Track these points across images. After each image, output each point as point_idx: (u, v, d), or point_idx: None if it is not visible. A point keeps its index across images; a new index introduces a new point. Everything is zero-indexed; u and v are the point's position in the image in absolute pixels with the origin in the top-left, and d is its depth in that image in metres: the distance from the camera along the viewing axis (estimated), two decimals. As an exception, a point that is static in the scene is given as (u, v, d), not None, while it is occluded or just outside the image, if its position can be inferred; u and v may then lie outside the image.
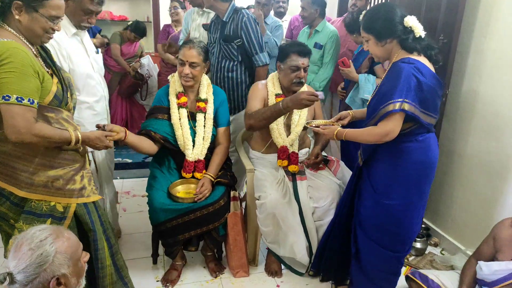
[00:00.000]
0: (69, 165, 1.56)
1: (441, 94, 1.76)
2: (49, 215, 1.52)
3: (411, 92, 1.66)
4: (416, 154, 1.77)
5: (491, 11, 2.25)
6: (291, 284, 2.26)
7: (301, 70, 2.21)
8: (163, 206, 2.02)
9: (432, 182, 1.89)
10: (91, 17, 1.94)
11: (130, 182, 3.53)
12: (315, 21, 3.12)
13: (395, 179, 1.81)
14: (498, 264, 1.72)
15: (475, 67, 2.38)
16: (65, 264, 1.09)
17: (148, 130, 2.15)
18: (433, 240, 2.69)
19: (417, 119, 1.69)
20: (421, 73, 1.67)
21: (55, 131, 1.47)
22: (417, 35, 1.72)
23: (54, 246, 1.07)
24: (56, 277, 1.06)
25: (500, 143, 2.23)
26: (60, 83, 1.54)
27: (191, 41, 2.16)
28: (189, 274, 2.30)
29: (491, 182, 2.31)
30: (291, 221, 2.12)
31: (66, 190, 1.55)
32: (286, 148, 2.24)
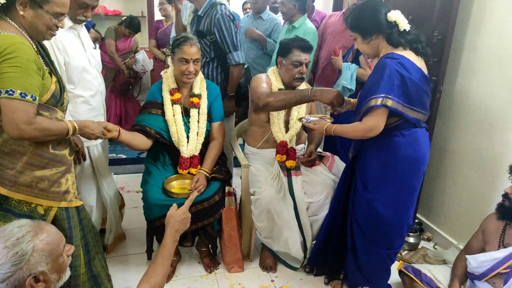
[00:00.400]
0: (56, 167, 1.53)
1: (427, 89, 1.76)
2: (28, 216, 1.48)
3: (394, 87, 1.67)
4: (403, 149, 1.78)
5: (485, 8, 2.26)
6: (286, 279, 2.27)
7: (303, 66, 2.22)
8: (158, 202, 2.02)
9: (424, 177, 1.93)
10: (87, 11, 1.92)
11: (125, 178, 3.52)
12: (294, 17, 3.12)
13: (384, 175, 1.83)
14: (484, 255, 1.75)
15: (469, 64, 2.39)
16: (43, 261, 1.06)
17: (142, 126, 2.14)
18: (426, 235, 2.72)
19: (401, 115, 1.71)
20: (405, 68, 1.68)
21: (53, 123, 1.47)
22: (401, 29, 1.72)
23: (32, 244, 1.04)
24: (33, 275, 1.04)
25: (491, 140, 2.25)
26: (58, 83, 1.53)
27: (189, 38, 2.13)
28: (183, 269, 2.31)
29: (482, 178, 2.33)
30: (286, 216, 2.13)
31: (50, 192, 1.52)
32: (286, 143, 2.25)
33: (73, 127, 1.52)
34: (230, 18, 2.54)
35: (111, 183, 2.33)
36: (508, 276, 1.66)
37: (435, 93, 2.41)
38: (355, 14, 1.80)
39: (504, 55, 2.16)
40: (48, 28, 1.45)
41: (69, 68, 1.91)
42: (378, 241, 1.91)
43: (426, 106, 1.79)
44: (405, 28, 1.73)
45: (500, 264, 1.68)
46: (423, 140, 1.81)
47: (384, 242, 1.91)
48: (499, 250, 1.74)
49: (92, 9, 1.95)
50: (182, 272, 2.28)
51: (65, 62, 1.89)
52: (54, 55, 1.82)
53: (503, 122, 2.18)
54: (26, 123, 1.36)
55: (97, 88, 2.10)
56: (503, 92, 2.17)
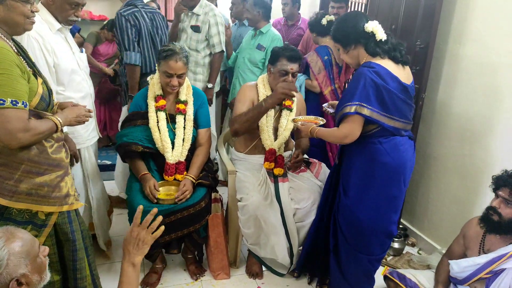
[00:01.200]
0: (54, 171, 1.51)
1: (406, 97, 1.79)
2: (30, 222, 1.48)
3: (369, 95, 1.71)
4: (381, 156, 1.80)
5: (465, 18, 2.33)
6: (272, 285, 2.27)
7: (289, 75, 2.24)
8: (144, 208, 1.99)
9: (405, 184, 1.91)
10: (78, 10, 1.91)
11: (110, 184, 3.46)
12: (259, 23, 3.16)
13: (363, 182, 1.86)
14: (466, 261, 1.78)
15: (450, 72, 2.46)
16: (22, 264, 1.06)
17: (128, 149, 2.12)
18: (410, 240, 2.76)
19: (377, 122, 1.75)
20: (380, 77, 1.72)
21: (43, 124, 1.44)
22: (377, 38, 1.77)
23: (6, 249, 1.04)
24: (15, 279, 1.04)
25: (473, 146, 2.31)
26: (44, 84, 1.49)
27: (176, 53, 2.09)
28: (169, 277, 2.28)
29: (465, 184, 2.38)
30: (273, 222, 2.13)
31: (52, 198, 1.49)
32: (274, 151, 2.26)
33: (59, 121, 1.50)
34: (126, 18, 2.64)
35: (100, 187, 2.30)
36: (489, 281, 1.70)
37: (418, 101, 2.47)
38: (336, 25, 1.87)
39: (485, 64, 2.22)
40: (26, 16, 1.40)
41: (58, 70, 1.90)
42: (359, 246, 1.93)
43: (406, 114, 1.81)
44: (381, 37, 1.77)
45: (482, 270, 1.71)
46: (402, 148, 1.82)
47: (364, 248, 1.93)
48: (480, 255, 1.77)
49: (81, 7, 1.94)
50: (168, 279, 2.26)
51: (54, 64, 1.88)
52: (43, 57, 1.81)
53: (484, 129, 2.24)
54: (23, 131, 1.33)
55: (86, 91, 2.09)
56: (484, 99, 2.23)
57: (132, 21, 2.66)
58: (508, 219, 1.67)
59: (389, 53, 1.78)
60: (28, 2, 1.40)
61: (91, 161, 2.18)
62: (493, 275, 1.69)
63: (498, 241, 1.74)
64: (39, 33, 1.80)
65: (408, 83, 1.81)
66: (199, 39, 2.97)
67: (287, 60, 2.22)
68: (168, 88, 2.16)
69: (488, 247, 1.77)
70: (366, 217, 1.86)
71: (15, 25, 1.40)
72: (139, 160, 2.18)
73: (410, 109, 1.84)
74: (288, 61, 2.22)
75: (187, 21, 2.98)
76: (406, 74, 1.83)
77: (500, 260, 1.68)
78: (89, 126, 2.14)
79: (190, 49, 2.97)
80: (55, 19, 1.89)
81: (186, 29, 2.95)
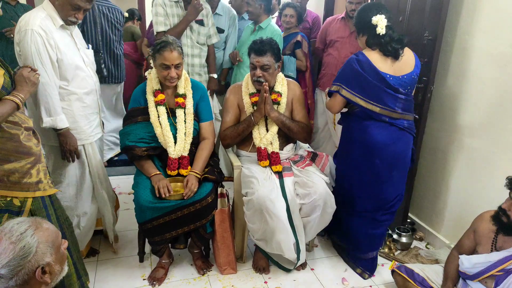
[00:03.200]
0: (24, 158, 1.56)
1: (385, 86, 2.00)
2: (6, 210, 1.52)
3: (349, 79, 2.04)
4: (356, 133, 2.15)
5: (474, 10, 2.29)
6: (279, 280, 2.26)
7: (257, 69, 2.22)
8: (150, 204, 1.99)
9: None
10: (79, 12, 1.92)
11: (116, 180, 3.49)
12: (260, 17, 3.13)
13: (345, 153, 2.26)
14: (478, 257, 1.76)
15: (458, 64, 2.41)
16: (48, 252, 1.10)
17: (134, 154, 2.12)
18: (418, 235, 2.74)
19: (353, 103, 2.06)
20: (360, 65, 2.00)
21: (1, 106, 1.46)
22: (377, 32, 1.99)
23: (36, 237, 1.08)
24: (41, 266, 1.07)
25: (482, 140, 2.28)
26: (8, 75, 1.53)
27: (169, 43, 2.07)
28: (176, 272, 2.29)
29: (473, 178, 2.35)
30: (278, 218, 2.11)
31: (23, 184, 1.55)
32: (261, 149, 2.26)
33: (18, 98, 1.52)
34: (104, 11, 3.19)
35: (106, 182, 2.30)
36: (499, 279, 1.67)
37: (426, 93, 2.43)
38: (357, 12, 2.13)
39: (494, 56, 2.18)
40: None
41: (62, 65, 1.91)
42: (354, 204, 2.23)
43: (385, 101, 2.02)
44: (380, 32, 1.99)
45: (493, 267, 1.69)
46: (376, 131, 2.06)
47: (357, 205, 2.21)
48: (492, 253, 1.74)
49: (84, 11, 1.94)
50: (175, 274, 2.26)
51: (57, 59, 1.89)
52: (46, 52, 1.83)
53: (494, 122, 2.20)
54: None
55: (91, 87, 2.09)
56: (493, 92, 2.19)
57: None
58: None
59: (381, 46, 2.01)
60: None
61: (95, 157, 2.18)
62: (504, 273, 1.67)
63: (510, 239, 1.72)
64: (43, 28, 1.81)
65: (393, 74, 2.01)
66: (206, 33, 2.95)
67: (254, 53, 2.22)
68: (167, 81, 2.13)
69: (500, 245, 1.74)
70: (352, 181, 2.23)
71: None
72: (146, 160, 2.17)
73: (394, 98, 2.02)
74: (256, 55, 2.22)
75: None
76: (396, 66, 2.03)
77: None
78: (92, 123, 2.14)
79: (199, 44, 2.93)
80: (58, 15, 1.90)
81: (192, 24, 2.91)
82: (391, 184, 2.15)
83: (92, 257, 2.36)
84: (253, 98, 2.31)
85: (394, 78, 2.01)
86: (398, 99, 2.02)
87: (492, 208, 1.78)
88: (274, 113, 2.24)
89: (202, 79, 3.03)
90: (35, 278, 1.07)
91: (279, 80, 2.35)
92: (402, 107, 2.05)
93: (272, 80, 2.30)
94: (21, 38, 1.80)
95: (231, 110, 2.38)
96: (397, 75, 2.02)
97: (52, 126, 1.91)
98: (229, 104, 2.39)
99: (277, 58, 2.25)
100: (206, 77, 3.08)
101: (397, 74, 2.02)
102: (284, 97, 2.33)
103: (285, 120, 2.28)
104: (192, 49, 2.92)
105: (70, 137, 1.98)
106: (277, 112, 2.27)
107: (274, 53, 2.23)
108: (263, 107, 2.22)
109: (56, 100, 1.89)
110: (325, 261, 2.46)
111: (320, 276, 2.31)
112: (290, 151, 2.39)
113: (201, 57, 2.98)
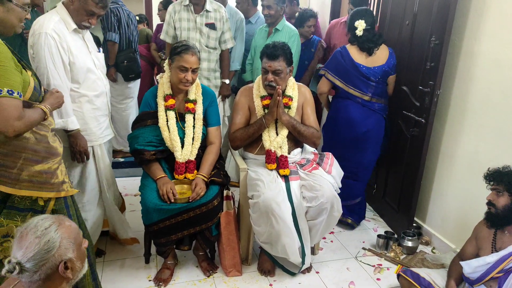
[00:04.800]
0: (52, 159, 1.59)
1: (359, 74, 2.60)
2: (30, 209, 1.55)
3: (333, 66, 2.67)
4: (339, 110, 2.73)
5: (481, 13, 2.28)
6: (284, 283, 2.27)
7: (269, 74, 2.23)
8: (156, 206, 2.01)
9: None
10: (92, 18, 1.96)
11: (123, 181, 3.51)
12: (278, 20, 3.13)
13: (333, 124, 2.79)
14: (477, 261, 1.77)
15: (465, 68, 2.41)
16: (70, 248, 1.12)
17: (143, 158, 2.14)
18: (424, 239, 2.73)
19: (336, 86, 2.68)
20: (342, 56, 2.64)
21: (35, 112, 1.50)
22: (357, 33, 2.60)
23: (59, 232, 1.10)
24: (64, 261, 1.10)
25: (488, 143, 2.27)
26: (35, 76, 1.56)
27: (190, 47, 2.12)
28: (181, 273, 2.30)
29: (480, 182, 2.31)
30: (284, 221, 2.11)
31: (50, 184, 1.57)
32: (270, 152, 2.26)
33: (47, 108, 1.55)
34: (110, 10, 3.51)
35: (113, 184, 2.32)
36: (501, 280, 1.68)
37: (432, 97, 2.43)
38: (349, 15, 2.74)
39: (501, 60, 2.17)
40: (20, 20, 1.49)
41: (74, 68, 1.95)
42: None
43: (359, 86, 2.62)
44: (358, 34, 2.60)
45: (493, 269, 1.70)
46: (353, 109, 2.66)
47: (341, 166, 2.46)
48: (491, 254, 1.76)
49: (97, 17, 1.98)
50: (180, 276, 2.27)
51: (70, 62, 1.92)
52: (59, 55, 1.86)
53: (500, 127, 2.19)
54: (18, 119, 1.39)
55: (101, 89, 2.12)
56: (500, 96, 2.19)
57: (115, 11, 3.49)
58: (502, 208, 1.72)
59: (358, 43, 2.61)
60: (25, 10, 1.50)
61: (103, 159, 2.20)
62: (504, 273, 1.68)
63: (508, 238, 1.74)
64: (56, 32, 1.85)
65: (366, 65, 2.60)
66: (217, 37, 2.96)
67: (267, 58, 2.23)
68: (181, 84, 2.15)
69: (499, 246, 1.76)
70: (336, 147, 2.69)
71: (10, 26, 1.49)
72: (153, 163, 2.19)
73: (366, 84, 2.61)
74: (268, 59, 2.22)
75: (199, 19, 2.96)
76: (369, 60, 2.62)
77: (510, 258, 1.67)
78: (102, 124, 2.16)
79: (208, 48, 2.95)
80: (72, 19, 1.94)
81: (201, 28, 2.92)
82: (366, 152, 2.72)
83: (98, 258, 2.38)
84: (264, 101, 2.31)
85: (367, 68, 2.60)
86: (369, 85, 2.62)
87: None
88: (285, 117, 2.25)
89: (210, 84, 3.04)
90: (58, 273, 1.09)
91: (290, 84, 2.36)
92: (373, 92, 2.63)
93: (284, 84, 2.31)
94: (35, 41, 1.84)
95: (242, 112, 2.38)
96: (370, 66, 2.61)
97: (63, 127, 1.94)
98: (239, 105, 2.39)
99: (289, 62, 2.26)
100: (215, 82, 3.08)
101: (369, 66, 2.61)
102: (295, 101, 2.33)
103: (295, 124, 2.28)
104: (200, 53, 2.93)
105: (80, 138, 2.01)
106: (288, 115, 2.27)
107: (287, 58, 2.23)
108: (276, 110, 2.22)
109: (67, 102, 1.91)
110: (331, 265, 2.46)
111: (325, 279, 2.31)
112: (297, 155, 2.39)
113: (210, 61, 2.98)
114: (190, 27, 2.91)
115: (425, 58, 2.48)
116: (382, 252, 2.61)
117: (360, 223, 2.97)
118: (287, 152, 2.29)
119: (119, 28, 3.55)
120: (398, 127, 2.81)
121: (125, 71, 3.67)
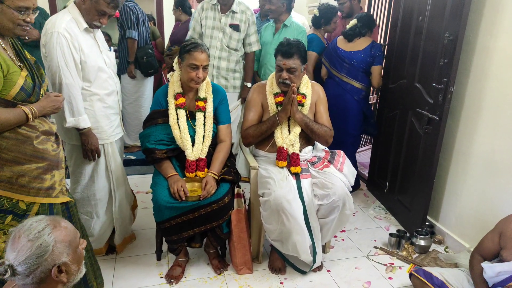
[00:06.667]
0: (36, 162, 1.53)
1: (337, 56, 3.10)
2: (10, 211, 1.50)
3: (326, 52, 3.22)
4: (327, 87, 3.07)
5: (497, 9, 2.23)
6: (295, 281, 2.26)
7: (284, 71, 2.22)
8: (168, 204, 2.02)
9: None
10: (103, 18, 1.97)
11: (134, 179, 3.54)
12: (282, 16, 3.11)
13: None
14: (501, 266, 1.70)
15: (480, 65, 2.36)
16: (65, 252, 1.10)
17: (154, 157, 2.15)
18: (437, 238, 2.69)
19: (326, 68, 3.21)
20: (331, 44, 3.17)
21: (10, 112, 1.45)
22: (346, 27, 3.16)
23: (53, 236, 1.08)
24: (57, 266, 1.08)
25: (504, 142, 2.22)
26: (31, 77, 1.52)
27: (199, 44, 2.12)
28: (193, 270, 2.31)
29: (495, 181, 2.30)
30: (295, 219, 2.10)
31: (31, 188, 1.53)
32: (282, 149, 2.25)
33: (31, 112, 1.50)
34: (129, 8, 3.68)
35: (124, 182, 2.34)
36: None
37: (446, 94, 2.39)
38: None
39: (517, 56, 2.13)
40: (16, 24, 1.45)
41: (85, 67, 1.96)
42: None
43: (336, 66, 3.12)
44: (347, 27, 3.13)
45: None
46: (331, 86, 3.14)
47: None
48: None
49: (109, 17, 1.99)
50: (192, 273, 2.29)
51: (81, 61, 1.94)
52: (70, 54, 1.88)
53: (516, 124, 2.15)
54: None
55: (112, 88, 2.14)
56: (516, 93, 2.14)
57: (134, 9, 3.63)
58: None
59: (344, 34, 3.11)
60: (21, 12, 1.44)
61: (114, 157, 2.22)
62: None
63: None
64: (68, 31, 1.87)
65: (346, 50, 3.07)
66: (240, 38, 2.97)
67: (281, 56, 2.22)
68: (192, 83, 2.16)
69: None
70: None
71: (4, 28, 1.46)
72: (165, 161, 2.20)
73: (341, 65, 3.09)
74: (282, 57, 2.21)
75: (224, 19, 2.93)
76: (349, 45, 3.07)
77: None
78: (113, 123, 2.18)
79: (230, 48, 2.96)
80: (83, 19, 1.96)
81: (224, 28, 2.92)
82: (348, 123, 3.18)
83: (110, 254, 2.41)
84: (278, 98, 2.31)
85: (344, 52, 3.07)
86: (343, 66, 3.08)
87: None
88: (299, 115, 2.24)
89: (228, 84, 3.05)
90: (52, 277, 1.07)
91: (304, 82, 2.35)
92: (347, 73, 3.07)
93: (298, 82, 2.30)
94: (47, 40, 1.86)
95: (254, 109, 2.37)
96: (347, 50, 3.07)
97: (75, 126, 1.96)
98: (252, 102, 2.38)
99: (303, 60, 2.25)
100: (233, 82, 3.09)
101: (347, 50, 3.07)
102: (308, 99, 2.32)
103: (309, 122, 2.27)
104: (220, 52, 2.96)
105: (92, 137, 2.03)
106: (302, 113, 2.26)
107: (301, 56, 2.22)
108: (289, 108, 2.21)
109: (79, 101, 1.94)
110: (342, 263, 2.45)
111: (336, 278, 2.30)
112: (309, 153, 2.38)
113: (229, 61, 3.00)
114: (214, 26, 2.94)
115: (439, 54, 2.44)
116: (394, 251, 2.59)
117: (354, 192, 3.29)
118: (298, 150, 2.28)
119: (137, 25, 3.70)
120: (411, 124, 2.78)
121: (145, 67, 3.81)
